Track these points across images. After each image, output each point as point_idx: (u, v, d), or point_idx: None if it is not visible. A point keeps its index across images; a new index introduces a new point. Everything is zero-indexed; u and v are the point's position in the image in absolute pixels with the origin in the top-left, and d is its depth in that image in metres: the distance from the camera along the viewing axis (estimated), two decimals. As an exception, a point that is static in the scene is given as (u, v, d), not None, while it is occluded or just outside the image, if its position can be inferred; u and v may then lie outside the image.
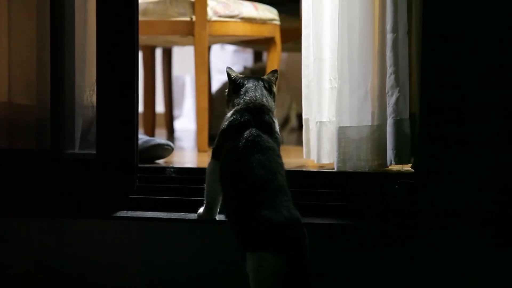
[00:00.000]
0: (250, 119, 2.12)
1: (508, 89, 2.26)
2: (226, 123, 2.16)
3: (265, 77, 2.24)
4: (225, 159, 2.10)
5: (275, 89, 2.25)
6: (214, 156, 2.17)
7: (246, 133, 2.09)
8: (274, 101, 2.23)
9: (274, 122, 2.16)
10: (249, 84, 2.20)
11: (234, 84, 2.22)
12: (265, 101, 2.18)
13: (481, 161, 2.27)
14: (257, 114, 2.14)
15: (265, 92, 2.20)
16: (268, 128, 2.13)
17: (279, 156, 2.10)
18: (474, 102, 2.28)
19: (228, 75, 2.23)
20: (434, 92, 2.30)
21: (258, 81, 2.21)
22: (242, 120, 2.12)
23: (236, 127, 2.12)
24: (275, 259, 1.92)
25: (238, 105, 2.17)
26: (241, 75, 2.23)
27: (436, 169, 2.30)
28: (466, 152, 2.28)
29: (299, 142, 3.84)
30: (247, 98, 2.17)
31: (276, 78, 2.25)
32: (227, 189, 2.09)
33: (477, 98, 2.28)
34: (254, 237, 1.96)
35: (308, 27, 2.72)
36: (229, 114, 2.17)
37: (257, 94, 2.18)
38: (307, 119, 2.74)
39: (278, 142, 2.14)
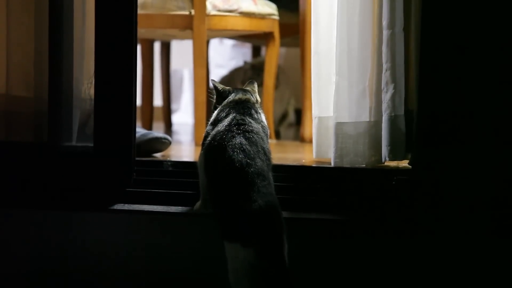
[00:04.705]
0: (236, 107, 2.17)
1: (507, 86, 2.27)
2: (214, 115, 2.21)
3: (248, 88, 2.30)
4: (208, 144, 2.11)
5: (258, 98, 2.30)
6: (203, 146, 2.18)
7: (230, 117, 2.12)
8: (260, 107, 2.28)
9: (259, 113, 2.20)
10: (237, 92, 2.26)
11: (221, 96, 2.26)
12: (250, 98, 2.24)
13: (478, 158, 2.28)
14: (242, 104, 2.19)
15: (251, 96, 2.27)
16: (254, 116, 2.16)
17: (263, 140, 2.10)
18: (471, 98, 2.28)
19: (215, 87, 2.28)
20: (431, 88, 2.30)
21: (245, 91, 2.27)
22: (228, 109, 2.17)
23: (222, 116, 2.16)
24: (246, 251, 1.88)
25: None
26: (227, 87, 2.28)
27: (433, 165, 2.30)
28: (463, 148, 2.28)
29: (297, 138, 3.85)
30: (231, 98, 2.23)
31: (256, 88, 2.32)
32: (208, 175, 2.09)
33: (474, 95, 2.28)
34: (228, 226, 1.94)
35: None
36: (216, 111, 2.23)
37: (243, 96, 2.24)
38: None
39: (265, 130, 2.16)
